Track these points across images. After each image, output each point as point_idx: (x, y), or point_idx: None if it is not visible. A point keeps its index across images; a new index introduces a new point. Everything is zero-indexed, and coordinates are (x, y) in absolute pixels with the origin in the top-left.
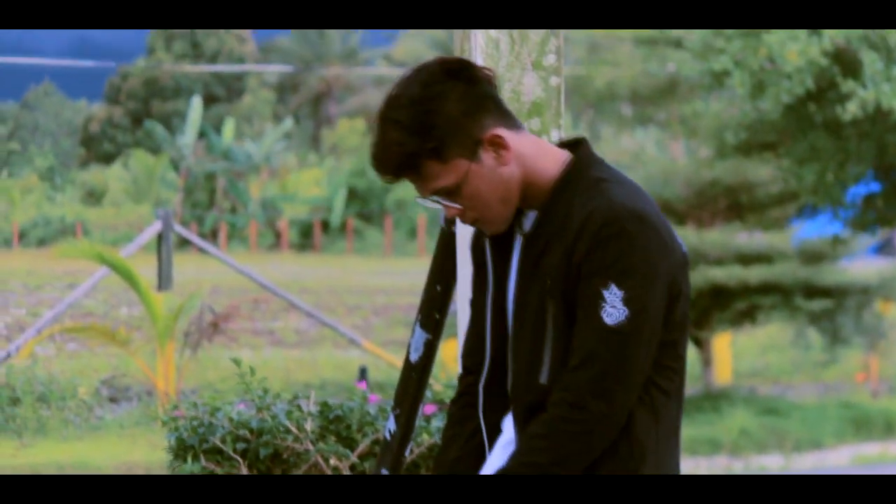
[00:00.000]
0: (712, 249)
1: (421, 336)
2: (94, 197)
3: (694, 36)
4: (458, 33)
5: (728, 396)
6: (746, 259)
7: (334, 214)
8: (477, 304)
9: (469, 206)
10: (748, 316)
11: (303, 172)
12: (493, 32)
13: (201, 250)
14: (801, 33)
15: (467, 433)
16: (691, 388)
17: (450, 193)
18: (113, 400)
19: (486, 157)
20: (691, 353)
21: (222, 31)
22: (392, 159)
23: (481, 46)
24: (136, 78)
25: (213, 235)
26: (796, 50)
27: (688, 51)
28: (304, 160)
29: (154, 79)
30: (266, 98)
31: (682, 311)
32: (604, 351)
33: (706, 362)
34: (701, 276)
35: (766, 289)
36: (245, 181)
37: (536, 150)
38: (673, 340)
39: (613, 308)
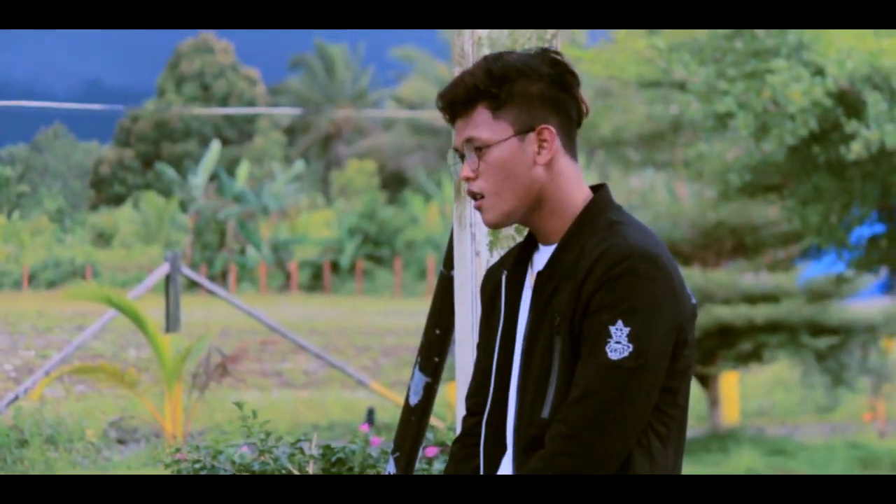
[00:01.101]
0: (718, 289)
1: (420, 379)
2: (104, 239)
3: (697, 78)
4: (454, 34)
5: (735, 437)
6: (753, 298)
7: (344, 256)
8: (484, 344)
9: (483, 176)
10: (754, 355)
11: (313, 214)
12: (494, 33)
13: (210, 292)
14: (805, 74)
15: (469, 471)
16: (699, 428)
17: (478, 149)
18: (121, 442)
19: (529, 144)
20: (697, 392)
21: (232, 73)
22: (460, 88)
23: (476, 47)
24: (146, 120)
25: (222, 277)
26: (800, 90)
27: (691, 93)
28: (314, 202)
29: (164, 121)
30: (276, 140)
31: (686, 361)
32: (605, 386)
33: (713, 402)
34: (708, 316)
35: (773, 327)
36: (255, 223)
37: (574, 180)
38: (673, 388)
39: (618, 344)
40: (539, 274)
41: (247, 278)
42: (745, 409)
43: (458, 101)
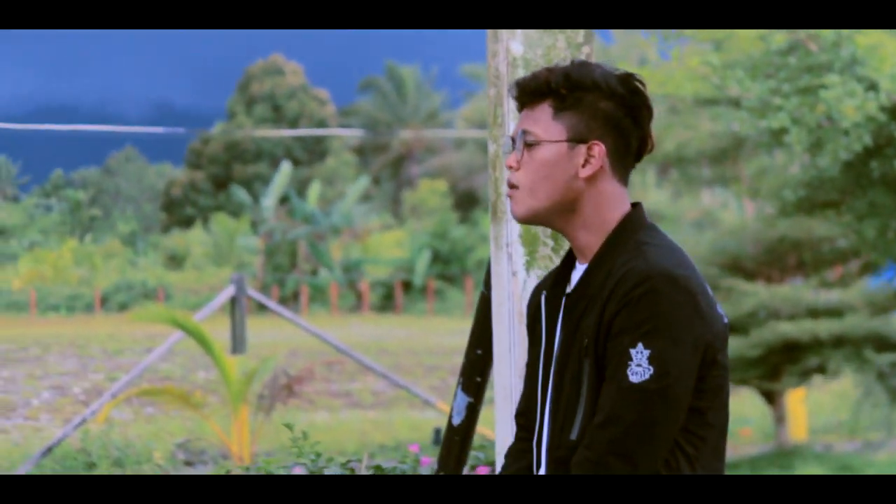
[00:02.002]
0: (783, 305)
1: (463, 400)
2: (175, 261)
3: (751, 94)
4: (489, 55)
5: (801, 453)
6: (816, 313)
7: (416, 275)
8: (530, 362)
9: (525, 169)
10: (820, 370)
11: (384, 234)
12: (528, 53)
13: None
14: (859, 89)
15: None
16: (765, 444)
17: (528, 144)
18: (188, 463)
19: (577, 154)
20: (763, 409)
21: (302, 94)
22: (535, 80)
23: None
24: (216, 142)
25: (294, 298)
26: (853, 106)
27: (745, 109)
28: (385, 222)
29: (235, 143)
30: (347, 161)
31: (716, 381)
32: (627, 410)
33: (779, 419)
34: (772, 332)
35: (837, 342)
36: (326, 243)
37: (614, 201)
38: (702, 408)
39: (639, 367)
40: (567, 295)
41: (318, 299)
42: (813, 426)
43: (529, 91)
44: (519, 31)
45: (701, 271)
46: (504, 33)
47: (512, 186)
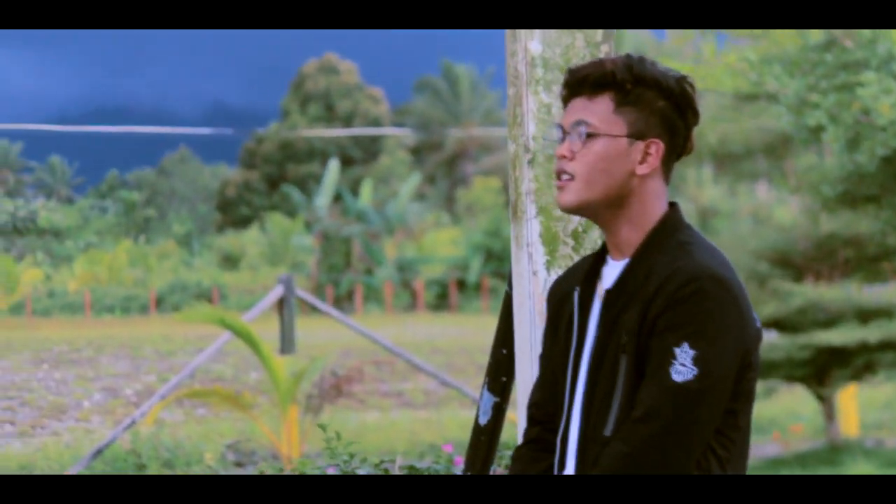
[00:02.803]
0: (831, 305)
1: (489, 399)
2: (230, 261)
3: (789, 90)
4: (508, 54)
5: (851, 449)
6: (865, 314)
7: (470, 273)
8: (549, 354)
9: (577, 159)
10: (869, 370)
11: (439, 232)
12: (547, 52)
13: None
14: (895, 87)
15: (538, 472)
16: (815, 440)
17: (582, 136)
18: (238, 464)
19: (636, 150)
20: (814, 406)
21: (357, 93)
22: (597, 69)
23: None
24: (270, 142)
25: (349, 297)
26: (889, 103)
27: (784, 105)
28: (440, 220)
29: (289, 142)
30: (402, 159)
31: (749, 384)
32: (667, 407)
33: (829, 416)
34: (820, 333)
35: (886, 346)
36: (380, 242)
37: (658, 199)
38: (736, 410)
39: (683, 366)
40: (608, 291)
41: (373, 298)
42: (865, 421)
43: (590, 80)
44: (537, 31)
45: (752, 268)
46: (522, 33)
47: (563, 175)
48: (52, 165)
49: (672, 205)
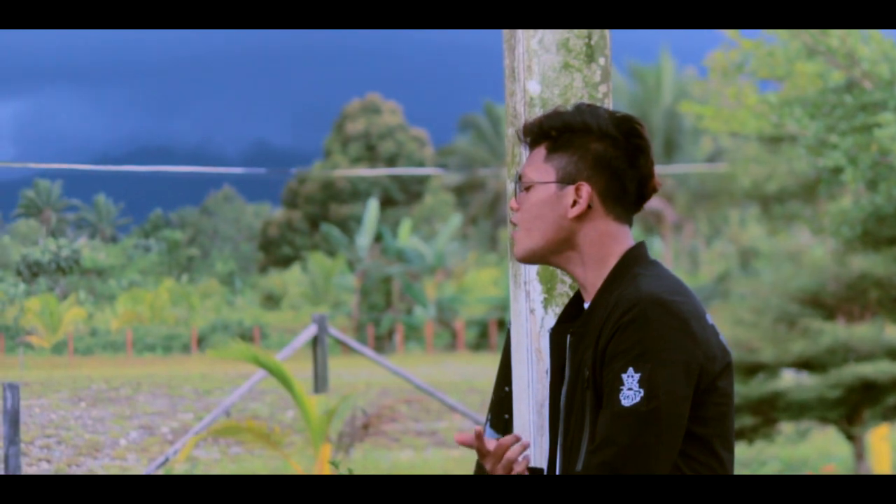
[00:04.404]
0: (861, 344)
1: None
2: (273, 300)
3: (808, 132)
4: (507, 94)
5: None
6: (895, 353)
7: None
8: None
9: (522, 210)
10: None
11: (480, 272)
12: (546, 93)
13: (356, 352)
14: None
15: None
16: None
17: (524, 188)
18: None
19: (567, 195)
20: (845, 447)
21: (400, 133)
22: (532, 125)
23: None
24: (313, 182)
25: (389, 337)
26: None
27: (803, 147)
28: (482, 260)
29: (331, 182)
30: (446, 200)
31: (718, 409)
32: (619, 433)
33: (859, 455)
34: (850, 372)
35: None
36: (421, 282)
37: (612, 239)
38: (705, 436)
39: (630, 390)
40: (571, 333)
41: (414, 337)
42: None
43: (528, 134)
44: (536, 71)
45: (783, 308)
46: (521, 73)
47: (513, 227)
48: (97, 205)
49: (638, 244)
